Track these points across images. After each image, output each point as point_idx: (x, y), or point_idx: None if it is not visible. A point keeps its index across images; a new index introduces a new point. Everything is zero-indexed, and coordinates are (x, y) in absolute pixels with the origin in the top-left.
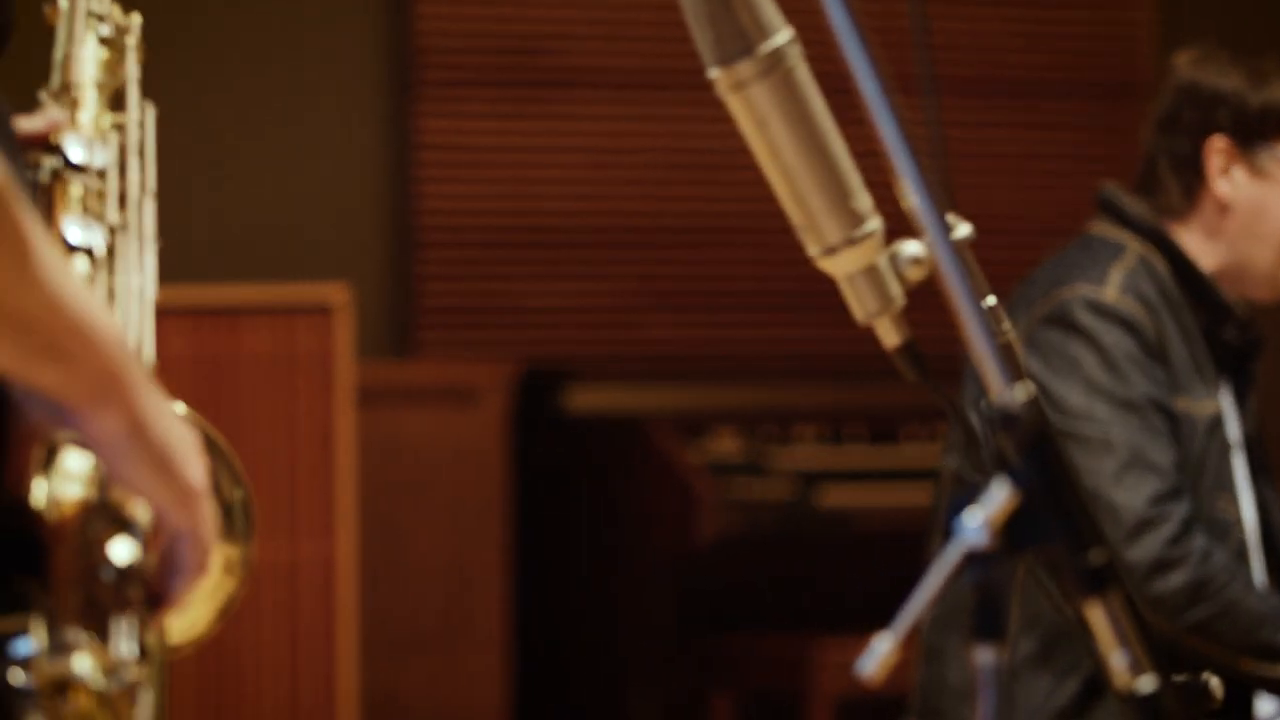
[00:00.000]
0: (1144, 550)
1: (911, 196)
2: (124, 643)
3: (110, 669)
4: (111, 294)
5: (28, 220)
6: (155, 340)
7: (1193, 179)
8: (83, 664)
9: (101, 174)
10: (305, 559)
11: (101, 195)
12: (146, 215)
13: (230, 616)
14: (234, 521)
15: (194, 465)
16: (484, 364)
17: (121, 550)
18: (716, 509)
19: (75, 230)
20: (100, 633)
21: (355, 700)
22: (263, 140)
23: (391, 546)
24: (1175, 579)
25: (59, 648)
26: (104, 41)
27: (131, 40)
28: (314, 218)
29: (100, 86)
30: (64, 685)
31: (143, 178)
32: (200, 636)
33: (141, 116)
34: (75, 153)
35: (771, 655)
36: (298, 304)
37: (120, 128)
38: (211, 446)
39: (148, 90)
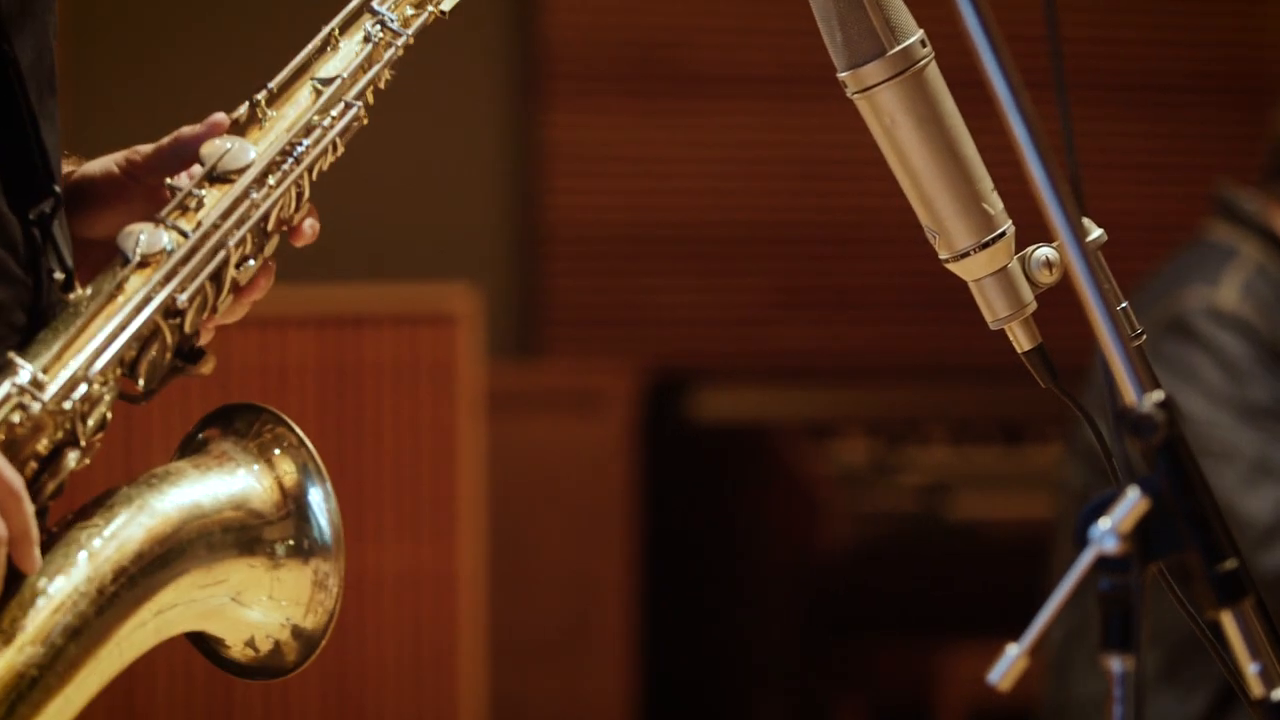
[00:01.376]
0: (1272, 560)
1: (1044, 200)
2: None
3: None
4: None
5: None
6: (281, 347)
7: None
8: None
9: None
10: (429, 568)
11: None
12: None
13: (339, 628)
14: (322, 535)
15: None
16: (610, 368)
17: None
18: (843, 519)
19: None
20: None
21: (480, 710)
22: (391, 142)
23: (516, 555)
24: None
25: None
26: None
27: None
28: (441, 219)
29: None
30: None
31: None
32: (313, 653)
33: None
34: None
35: (898, 663)
36: (424, 308)
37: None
38: (309, 463)
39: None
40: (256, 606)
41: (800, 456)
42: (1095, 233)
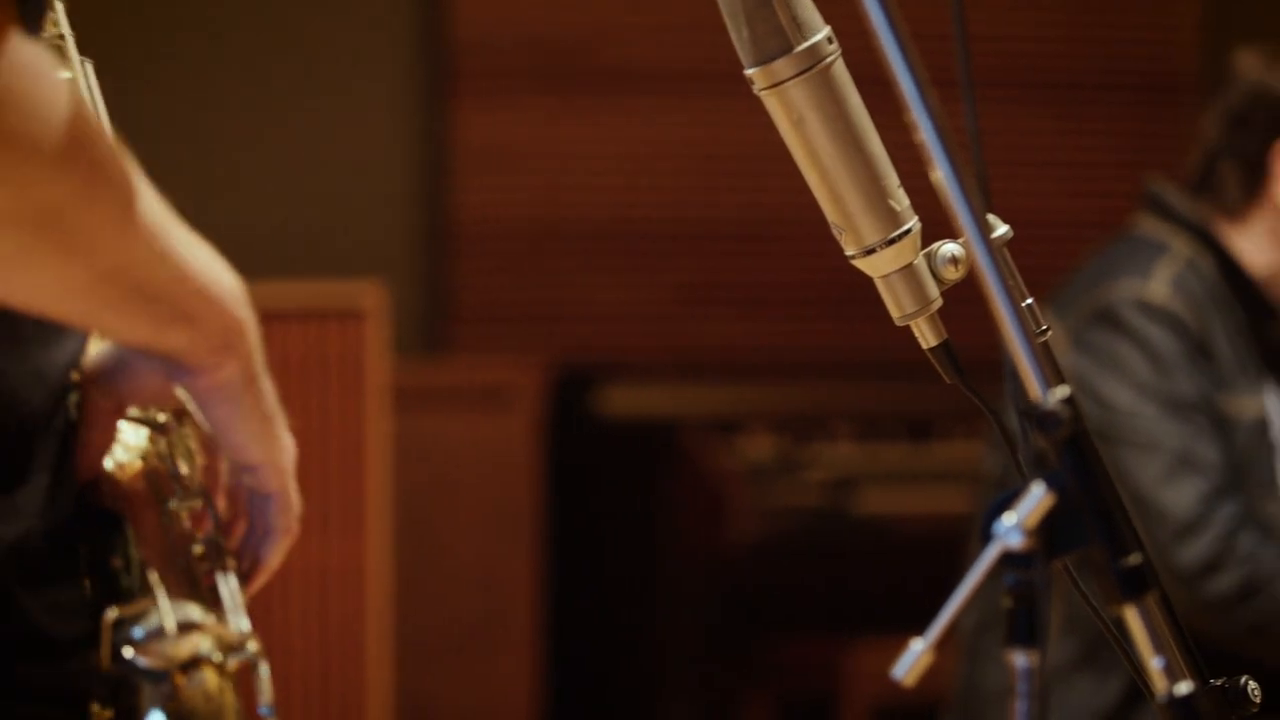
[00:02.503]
0: (1194, 551)
1: (949, 196)
2: (239, 616)
3: (230, 645)
4: None
5: (139, 183)
6: None
7: (1255, 180)
8: (205, 641)
9: None
10: (337, 562)
11: None
12: None
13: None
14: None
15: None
16: (517, 364)
17: (205, 520)
18: (750, 515)
19: None
20: (208, 606)
21: (387, 706)
22: (299, 138)
23: (424, 551)
24: (1225, 579)
25: (180, 627)
26: None
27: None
28: (350, 216)
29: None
30: (191, 664)
31: None
32: None
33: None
34: None
35: (806, 659)
36: (331, 304)
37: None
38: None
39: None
40: None
41: (708, 452)
42: (1001, 229)
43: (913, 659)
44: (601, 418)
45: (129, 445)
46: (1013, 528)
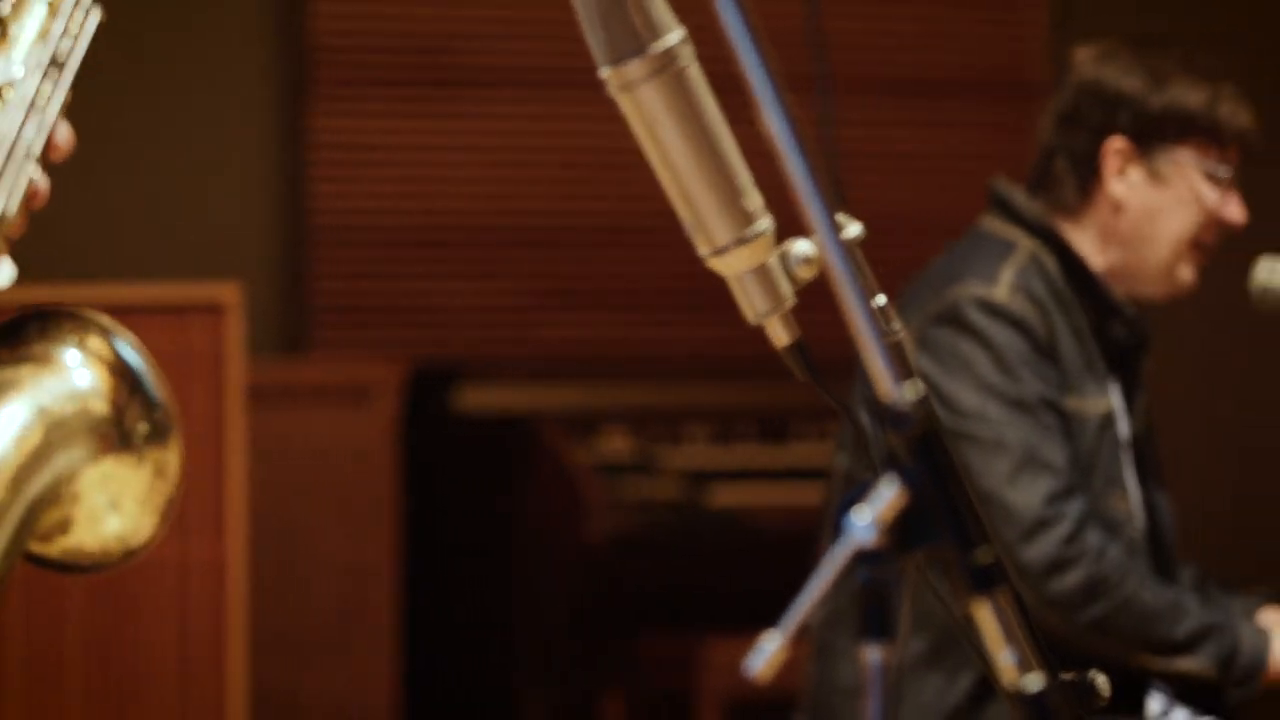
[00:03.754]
0: (1040, 549)
1: (802, 196)
2: None
3: None
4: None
5: None
6: None
7: (1089, 177)
8: None
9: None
10: (196, 559)
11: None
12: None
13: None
14: (158, 427)
15: None
16: (375, 362)
17: None
18: (606, 509)
19: None
20: None
21: (244, 700)
22: (155, 138)
23: (283, 546)
24: (1071, 577)
25: None
26: None
27: None
28: (207, 216)
29: None
30: None
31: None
32: (148, 543)
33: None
34: None
35: (662, 655)
36: (189, 303)
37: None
38: (138, 359)
39: None
40: (108, 496)
41: (565, 450)
42: (853, 228)
43: (765, 654)
44: (459, 415)
45: None
46: (864, 524)
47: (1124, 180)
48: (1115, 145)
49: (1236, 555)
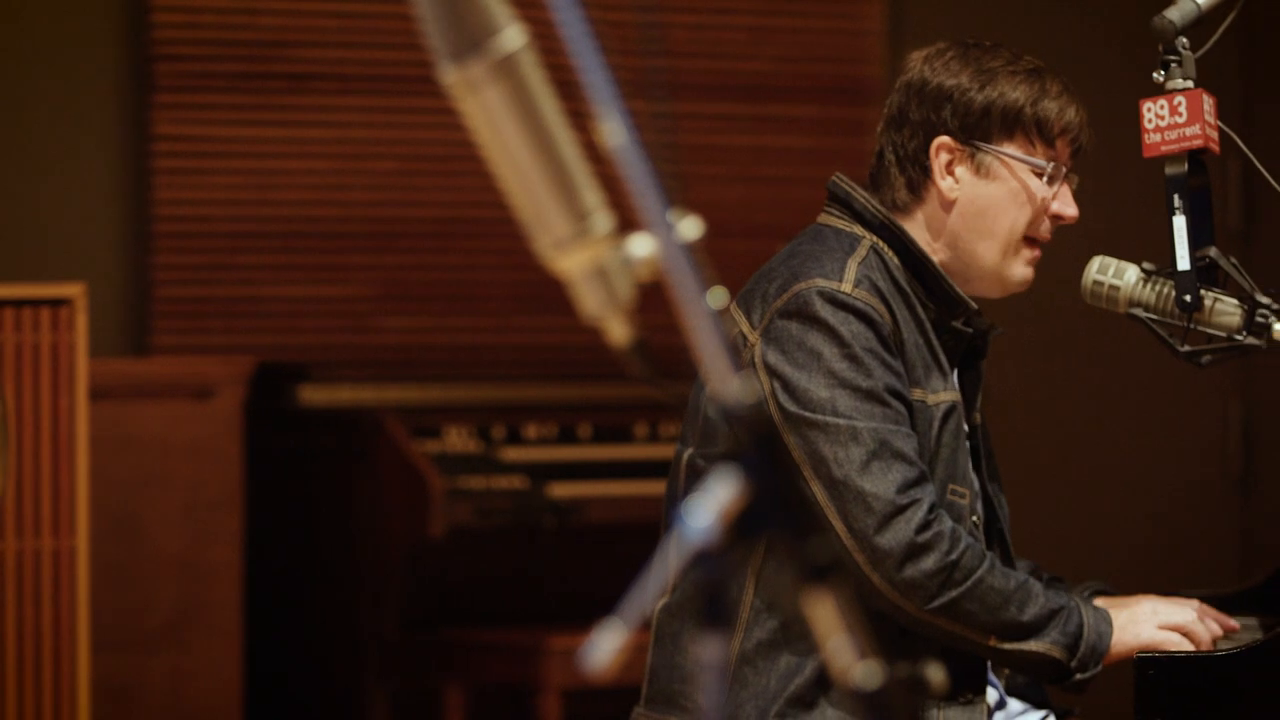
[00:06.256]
0: (895, 537)
1: (640, 196)
2: None
3: None
4: None
5: None
6: None
7: (918, 175)
8: None
9: None
10: (43, 553)
11: None
12: None
13: None
14: None
15: None
16: (220, 359)
17: None
18: (448, 503)
19: None
20: None
21: (91, 695)
22: None
23: (126, 541)
24: (927, 563)
25: None
26: None
27: None
28: (50, 216)
29: None
30: None
31: None
32: None
33: None
34: None
35: (502, 647)
36: (34, 301)
37: None
38: None
39: None
40: None
41: (407, 446)
42: (691, 228)
43: (602, 645)
44: (303, 411)
45: None
46: (704, 515)
47: (952, 178)
48: (942, 143)
49: (1063, 553)
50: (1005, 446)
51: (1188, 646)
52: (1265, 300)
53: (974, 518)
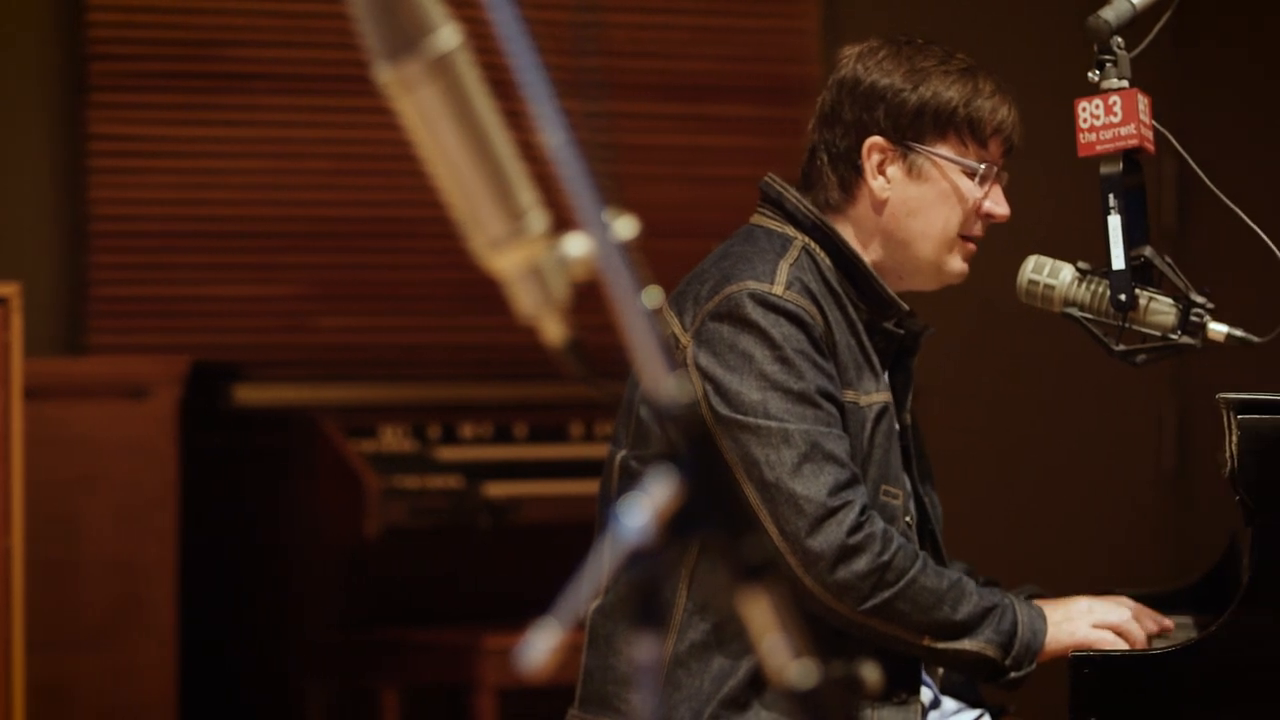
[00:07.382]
0: (827, 538)
1: (575, 196)
2: None
3: None
4: None
5: None
6: None
7: (850, 174)
8: None
9: None
10: None
11: None
12: None
13: None
14: None
15: None
16: (156, 359)
17: None
18: (383, 503)
19: None
20: None
21: (24, 693)
22: None
23: (59, 541)
24: (859, 564)
25: None
26: None
27: None
28: None
29: None
30: None
31: None
32: None
33: None
34: None
35: (438, 646)
36: None
37: None
38: None
39: None
40: None
41: (343, 445)
42: (627, 228)
43: (537, 644)
44: (238, 411)
45: None
46: (638, 516)
47: (884, 177)
48: (874, 142)
49: (997, 552)
50: (939, 446)
51: (1122, 645)
52: (1199, 299)
53: (907, 518)
